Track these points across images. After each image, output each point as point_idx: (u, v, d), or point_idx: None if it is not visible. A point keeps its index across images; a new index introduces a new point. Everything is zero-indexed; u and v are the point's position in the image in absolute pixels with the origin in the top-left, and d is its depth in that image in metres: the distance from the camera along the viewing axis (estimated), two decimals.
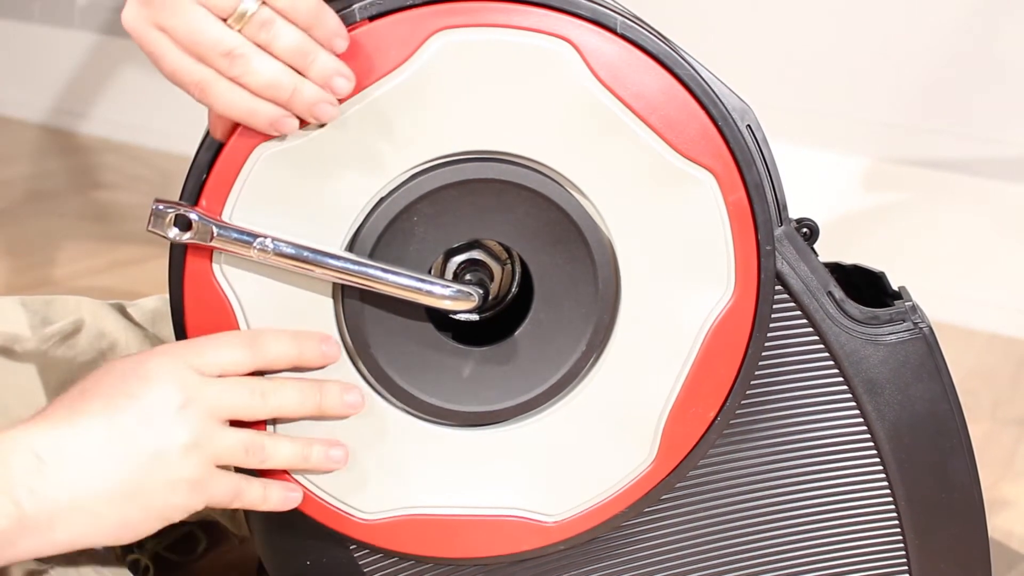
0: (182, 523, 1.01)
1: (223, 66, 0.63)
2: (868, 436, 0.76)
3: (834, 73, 1.99)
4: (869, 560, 0.78)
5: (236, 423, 0.69)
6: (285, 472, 0.71)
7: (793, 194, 0.77)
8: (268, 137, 0.66)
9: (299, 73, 0.64)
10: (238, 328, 0.69)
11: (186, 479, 0.66)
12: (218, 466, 0.68)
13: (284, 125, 0.65)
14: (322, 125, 0.66)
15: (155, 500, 0.66)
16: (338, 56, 0.65)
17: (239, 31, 0.63)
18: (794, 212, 0.74)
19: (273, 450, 0.69)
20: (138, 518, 0.66)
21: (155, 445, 0.66)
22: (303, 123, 0.65)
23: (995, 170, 1.90)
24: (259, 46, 0.64)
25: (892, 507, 0.77)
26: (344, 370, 0.71)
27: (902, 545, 0.77)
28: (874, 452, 0.76)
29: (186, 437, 0.66)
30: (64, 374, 0.90)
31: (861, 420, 0.75)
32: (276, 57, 0.64)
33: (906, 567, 0.78)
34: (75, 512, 0.65)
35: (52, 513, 0.64)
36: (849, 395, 0.75)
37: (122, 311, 0.96)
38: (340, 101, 0.65)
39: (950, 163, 1.92)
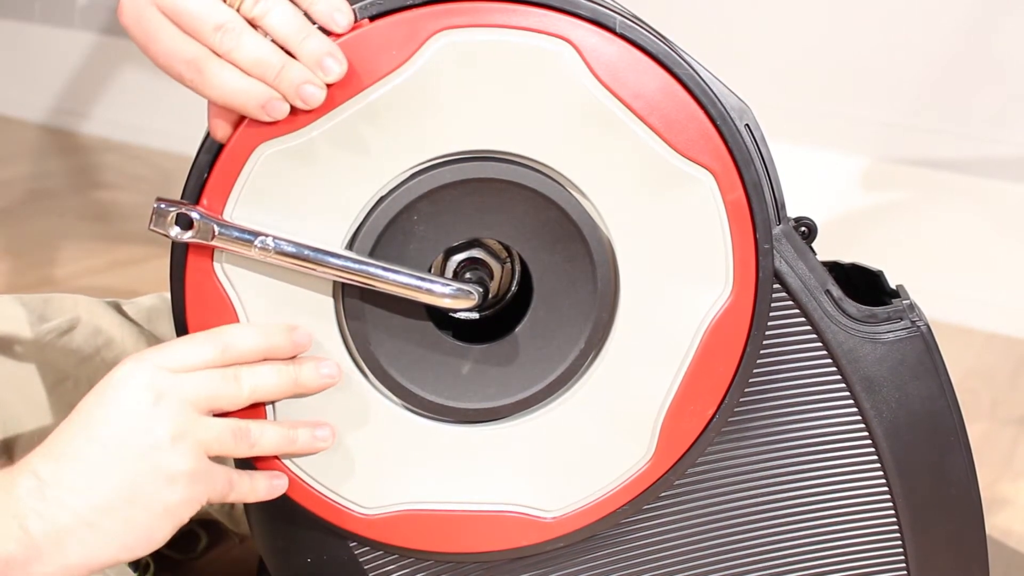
0: None
1: (215, 41, 0.64)
2: (866, 434, 0.76)
3: (833, 73, 2.00)
4: (867, 556, 0.78)
5: (222, 415, 0.69)
6: (276, 460, 0.72)
7: (792, 194, 0.77)
8: (269, 136, 0.66)
9: (291, 55, 0.65)
10: None
11: (181, 471, 0.66)
12: (211, 457, 0.68)
13: (274, 108, 0.65)
14: (315, 114, 0.66)
15: (155, 499, 0.66)
16: (342, 43, 0.65)
17: (237, 9, 0.64)
18: (793, 212, 0.74)
19: (260, 434, 0.69)
20: (144, 522, 0.66)
21: (139, 443, 0.65)
22: (295, 110, 0.66)
23: (994, 170, 1.90)
24: (253, 25, 0.64)
25: (890, 504, 0.77)
26: (344, 367, 0.71)
27: (900, 542, 0.78)
28: (872, 450, 0.76)
29: (168, 428, 0.66)
30: (61, 370, 0.90)
31: (859, 418, 0.76)
32: (269, 35, 0.65)
33: (904, 564, 0.78)
34: (81, 528, 0.64)
35: (59, 533, 0.64)
36: (847, 393, 0.75)
37: (118, 309, 0.96)
38: (331, 87, 0.65)
39: (949, 163, 1.93)
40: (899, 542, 0.78)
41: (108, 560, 0.66)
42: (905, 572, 0.78)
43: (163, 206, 0.67)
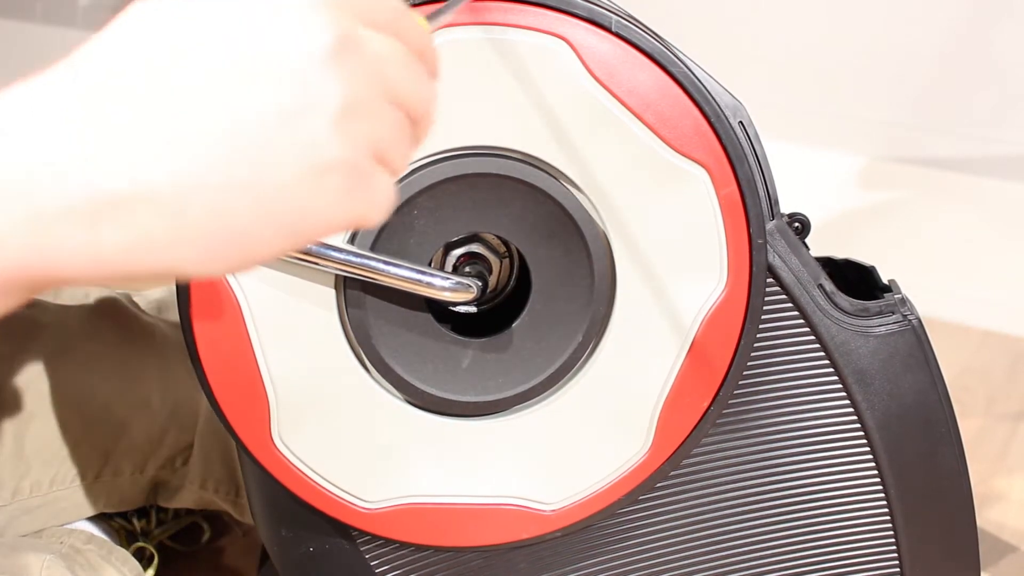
0: (188, 513, 1.03)
1: None
2: (858, 425, 0.77)
3: (831, 72, 2.00)
4: (859, 547, 0.79)
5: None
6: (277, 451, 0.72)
7: (790, 192, 0.78)
8: None
9: None
10: (243, 321, 0.70)
11: (338, 159, 0.41)
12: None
13: None
14: None
15: (282, 199, 0.41)
16: None
17: None
18: (791, 209, 0.75)
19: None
20: (245, 223, 0.40)
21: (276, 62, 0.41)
22: None
23: (991, 168, 1.91)
24: None
25: (882, 494, 0.78)
26: (345, 360, 0.72)
27: (891, 532, 0.78)
28: (864, 441, 0.77)
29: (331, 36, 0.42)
30: (85, 357, 0.92)
31: (851, 410, 0.76)
32: None
33: (896, 554, 0.79)
34: (138, 202, 0.39)
35: (88, 199, 0.39)
36: (839, 385, 0.76)
37: (129, 300, 0.97)
38: None
39: (946, 161, 1.93)
40: (891, 532, 0.79)
41: (160, 262, 0.40)
42: (897, 562, 0.79)
43: None
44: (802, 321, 0.75)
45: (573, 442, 0.74)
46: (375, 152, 0.43)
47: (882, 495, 0.78)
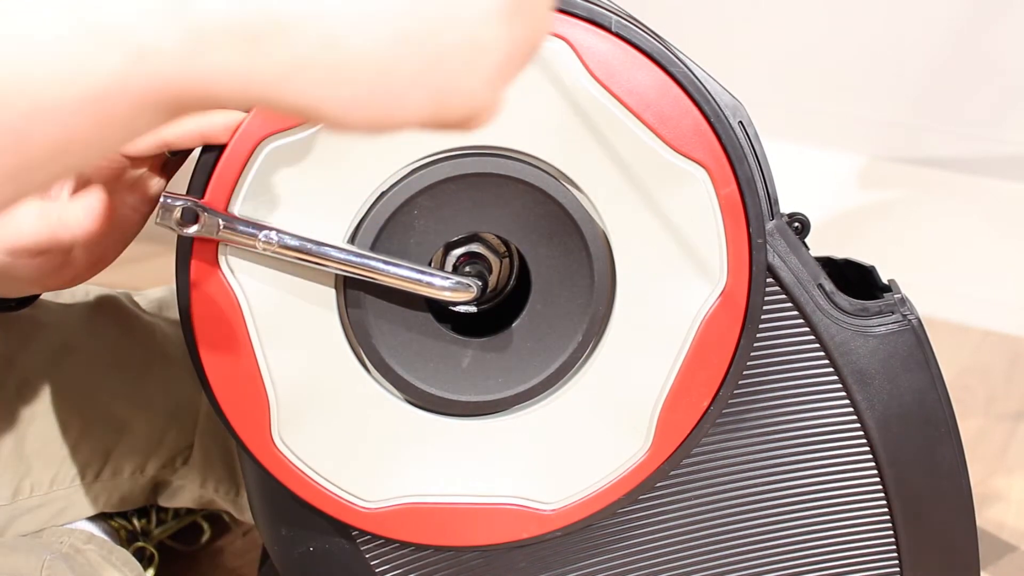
0: (188, 513, 1.03)
1: None
2: (858, 425, 0.77)
3: (831, 71, 2.00)
4: (859, 546, 0.79)
5: None
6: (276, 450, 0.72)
7: (790, 192, 0.78)
8: (274, 131, 0.67)
9: None
10: (243, 321, 0.70)
11: (496, 46, 0.41)
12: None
13: None
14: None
15: (442, 67, 0.41)
16: None
17: None
18: (791, 209, 0.75)
19: None
20: (402, 81, 0.40)
21: None
22: None
23: (990, 168, 1.91)
24: None
25: (881, 494, 0.78)
26: (346, 360, 0.72)
27: (891, 532, 0.79)
28: (864, 441, 0.77)
29: None
30: (86, 357, 0.92)
31: (851, 409, 0.76)
32: None
33: (895, 554, 0.79)
34: (303, 33, 0.39)
35: (253, 20, 0.38)
36: (839, 385, 0.76)
37: (129, 299, 0.97)
38: None
39: (945, 161, 1.93)
40: (891, 532, 0.79)
41: (300, 105, 0.40)
42: (897, 562, 0.79)
43: (169, 200, 0.68)
44: (802, 321, 0.75)
45: (573, 442, 0.75)
46: (513, 57, 0.42)
47: (882, 495, 0.78)
